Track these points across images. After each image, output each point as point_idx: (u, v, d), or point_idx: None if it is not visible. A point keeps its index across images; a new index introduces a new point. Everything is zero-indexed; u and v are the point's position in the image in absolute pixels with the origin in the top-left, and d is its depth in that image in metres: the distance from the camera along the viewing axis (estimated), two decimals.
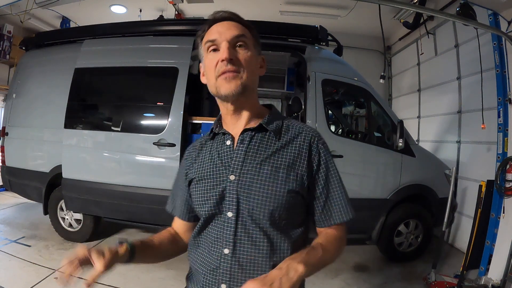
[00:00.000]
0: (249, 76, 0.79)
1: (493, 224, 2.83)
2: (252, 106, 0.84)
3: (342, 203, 0.82)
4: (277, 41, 3.25)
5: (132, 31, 3.45)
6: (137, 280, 2.77)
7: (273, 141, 0.82)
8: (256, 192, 0.76)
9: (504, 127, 2.90)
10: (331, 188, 0.82)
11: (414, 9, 3.69)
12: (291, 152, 0.80)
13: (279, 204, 0.76)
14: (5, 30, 5.05)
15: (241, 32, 0.80)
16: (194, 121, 3.22)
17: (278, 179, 0.77)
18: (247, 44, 0.80)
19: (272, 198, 0.76)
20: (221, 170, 0.81)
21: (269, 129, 0.82)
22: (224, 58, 0.76)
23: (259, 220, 0.76)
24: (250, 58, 0.80)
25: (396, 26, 5.18)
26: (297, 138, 0.82)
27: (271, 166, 0.78)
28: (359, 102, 4.28)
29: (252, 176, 0.78)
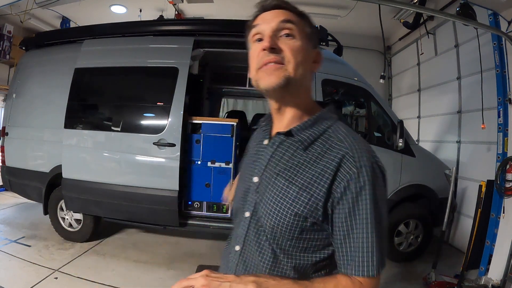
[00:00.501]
0: (296, 68, 0.67)
1: (493, 224, 2.83)
2: (299, 106, 0.73)
3: (363, 253, 0.63)
4: None
5: (132, 31, 3.45)
6: (137, 280, 2.77)
7: (299, 152, 0.70)
8: (266, 202, 0.70)
9: (504, 127, 2.90)
10: (353, 228, 0.63)
11: (414, 9, 3.68)
12: (313, 170, 0.66)
13: (281, 224, 0.67)
14: (5, 30, 5.04)
15: (288, 17, 0.69)
16: (194, 121, 3.22)
17: (287, 197, 0.67)
18: (295, 32, 0.69)
19: (275, 215, 0.68)
20: (251, 168, 0.78)
21: (297, 138, 0.71)
22: (265, 47, 0.67)
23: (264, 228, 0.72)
24: (298, 49, 0.68)
25: (396, 26, 5.17)
26: (326, 154, 0.67)
27: (286, 180, 0.68)
28: (359, 102, 4.28)
29: (267, 184, 0.72)
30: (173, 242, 3.67)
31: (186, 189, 3.21)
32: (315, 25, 0.76)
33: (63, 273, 2.75)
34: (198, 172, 3.23)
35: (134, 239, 3.68)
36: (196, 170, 3.23)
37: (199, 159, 3.22)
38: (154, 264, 3.09)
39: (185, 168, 3.18)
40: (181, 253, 3.38)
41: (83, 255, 3.16)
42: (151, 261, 3.13)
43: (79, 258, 3.08)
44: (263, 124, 0.83)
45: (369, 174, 0.63)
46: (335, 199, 0.64)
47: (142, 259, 3.16)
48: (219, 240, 3.73)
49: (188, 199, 3.25)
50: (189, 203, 3.26)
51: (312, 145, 0.69)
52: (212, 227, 3.18)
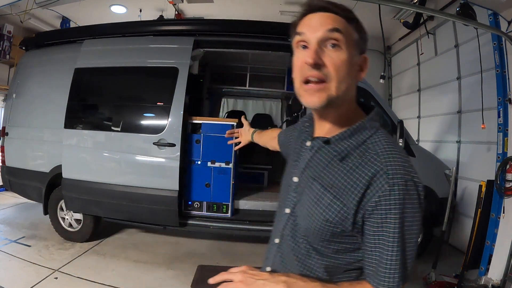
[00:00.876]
0: (338, 86, 0.66)
1: (493, 224, 2.83)
2: (340, 115, 0.73)
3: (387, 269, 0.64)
4: (277, 41, 3.25)
5: (132, 31, 3.45)
6: (137, 280, 2.77)
7: (336, 161, 0.70)
8: (303, 203, 0.74)
9: (504, 127, 2.90)
10: (380, 244, 0.64)
11: (414, 9, 3.69)
12: (347, 181, 0.67)
13: (313, 227, 0.70)
14: (5, 30, 5.04)
15: (335, 26, 0.66)
16: (194, 121, 3.22)
17: (321, 202, 0.69)
18: (342, 42, 0.66)
19: (309, 218, 0.71)
20: (293, 167, 0.81)
21: (334, 148, 0.71)
22: (307, 62, 0.65)
23: (301, 228, 0.75)
24: (343, 63, 0.66)
25: (396, 26, 5.17)
26: (361, 166, 0.66)
27: (322, 186, 0.70)
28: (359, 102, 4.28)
29: (304, 186, 0.74)
30: (173, 242, 3.67)
31: (186, 189, 3.21)
32: (363, 28, 0.73)
33: (63, 273, 2.75)
34: (198, 172, 3.23)
35: (134, 239, 3.68)
36: (196, 170, 3.23)
37: (199, 159, 3.22)
38: (154, 264, 3.09)
39: (185, 168, 3.18)
40: (181, 253, 3.38)
41: (83, 255, 3.16)
42: (151, 261, 3.13)
43: (79, 258, 3.08)
44: (306, 124, 0.84)
45: (401, 192, 0.63)
46: (367, 212, 0.65)
47: (142, 259, 3.16)
48: (219, 240, 3.73)
49: (188, 199, 3.25)
50: (189, 203, 3.26)
51: (349, 155, 0.69)
52: (212, 227, 3.18)
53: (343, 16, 0.68)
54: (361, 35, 0.72)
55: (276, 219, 0.85)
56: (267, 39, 3.25)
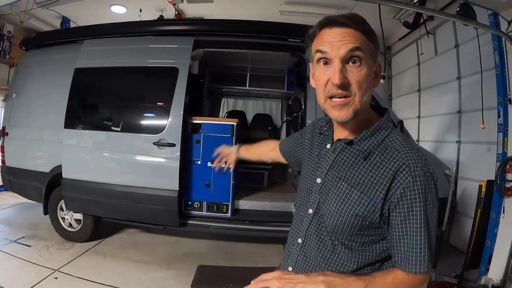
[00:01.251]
0: (361, 99, 0.73)
1: (493, 224, 2.83)
2: (360, 120, 0.78)
3: (417, 253, 0.70)
4: (277, 41, 3.25)
5: (132, 31, 3.45)
6: (137, 280, 2.77)
7: (360, 160, 0.76)
8: (329, 202, 0.78)
9: (504, 127, 2.90)
10: (408, 231, 0.70)
11: (414, 9, 3.68)
12: (373, 177, 0.73)
13: (343, 223, 0.75)
14: (5, 30, 5.04)
15: (356, 44, 0.70)
16: (194, 121, 3.22)
17: (349, 199, 0.75)
18: (362, 58, 0.71)
19: (338, 215, 0.76)
20: (314, 169, 0.86)
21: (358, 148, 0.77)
22: (335, 83, 0.70)
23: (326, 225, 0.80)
24: (364, 78, 0.72)
25: (396, 26, 5.17)
26: (385, 162, 0.73)
27: (348, 184, 0.76)
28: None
29: (330, 187, 0.79)
30: (173, 242, 3.67)
31: (186, 189, 3.21)
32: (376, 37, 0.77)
33: (63, 273, 2.75)
34: (198, 172, 3.23)
35: (134, 239, 3.68)
36: (196, 170, 3.23)
37: (199, 159, 3.22)
38: (154, 264, 3.09)
39: (185, 168, 3.18)
40: (181, 253, 3.38)
41: (83, 255, 3.16)
42: (151, 261, 3.13)
43: (79, 258, 3.08)
44: (324, 128, 0.90)
45: (422, 182, 0.70)
46: (392, 204, 0.71)
47: (142, 259, 3.16)
48: (219, 240, 3.73)
49: (188, 199, 3.25)
50: (189, 203, 3.26)
51: (371, 154, 0.76)
52: (212, 227, 3.18)
53: (362, 31, 0.72)
54: (376, 46, 0.76)
55: (297, 220, 0.90)
56: (267, 39, 3.24)
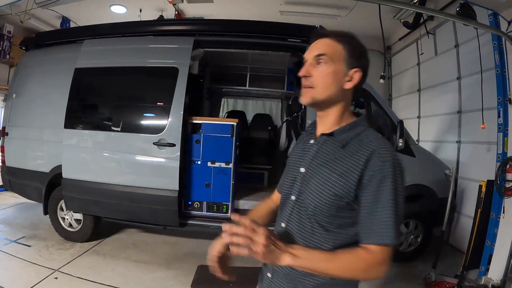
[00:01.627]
0: (321, 91, 0.89)
1: (493, 224, 2.83)
2: (336, 115, 0.93)
3: (386, 224, 0.79)
4: (277, 41, 3.25)
5: (132, 31, 3.45)
6: (137, 280, 2.77)
7: (339, 149, 0.89)
8: (311, 187, 0.89)
9: (504, 127, 2.90)
10: (376, 207, 0.80)
11: (414, 9, 3.69)
12: (349, 162, 0.85)
13: (324, 203, 0.86)
14: (5, 30, 5.05)
15: (322, 51, 0.89)
16: (194, 121, 3.22)
17: (330, 182, 0.86)
18: (327, 60, 0.88)
19: (319, 196, 0.87)
20: (299, 161, 0.97)
21: (337, 138, 0.91)
22: (300, 74, 0.92)
23: (307, 209, 0.90)
24: (325, 74, 0.88)
25: (396, 26, 5.17)
26: (359, 151, 0.85)
27: (328, 169, 0.87)
28: (359, 102, 4.28)
29: (313, 173, 0.90)
30: (173, 242, 3.67)
31: (186, 189, 3.21)
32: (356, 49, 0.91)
33: (63, 273, 2.76)
34: (198, 172, 3.23)
35: (134, 239, 3.68)
36: (196, 170, 3.23)
37: (199, 159, 3.22)
38: (154, 264, 3.09)
39: (185, 168, 3.18)
40: (181, 253, 3.38)
41: (83, 255, 3.17)
42: (151, 261, 3.13)
43: (79, 258, 3.08)
44: (309, 129, 1.04)
45: (390, 168, 0.81)
46: (364, 184, 0.82)
47: (142, 259, 3.16)
48: None
49: (188, 199, 3.25)
50: (189, 203, 3.26)
51: (349, 143, 0.88)
52: (212, 227, 3.18)
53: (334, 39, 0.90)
54: (350, 54, 0.90)
55: (281, 208, 1.00)
56: (267, 39, 3.24)
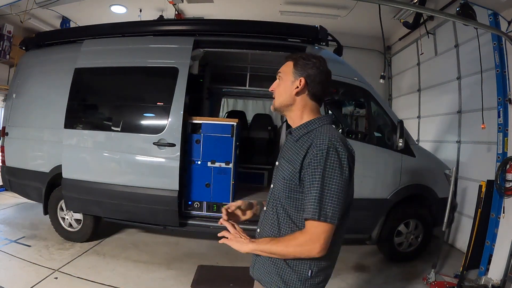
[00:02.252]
0: (277, 100, 1.15)
1: (493, 224, 2.83)
2: (294, 116, 1.14)
3: (313, 202, 0.95)
4: (277, 41, 3.25)
5: (132, 31, 3.45)
6: (137, 280, 2.77)
7: (293, 143, 1.09)
8: (277, 175, 1.12)
9: (504, 127, 2.90)
10: (311, 186, 0.97)
11: (414, 9, 3.68)
12: (295, 153, 1.05)
13: (281, 186, 1.07)
14: (5, 30, 5.05)
15: (280, 69, 1.16)
16: (194, 121, 3.22)
17: (283, 169, 1.07)
18: (282, 76, 1.15)
19: (279, 181, 1.09)
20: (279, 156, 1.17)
21: (293, 135, 1.11)
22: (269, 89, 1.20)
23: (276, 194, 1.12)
24: (280, 87, 1.14)
25: (396, 26, 5.17)
26: (304, 144, 1.04)
27: (285, 160, 1.09)
28: (359, 102, 4.28)
29: (279, 164, 1.12)
30: (173, 242, 3.67)
31: (186, 189, 3.21)
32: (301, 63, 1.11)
33: (63, 273, 2.76)
34: (198, 172, 3.23)
35: (134, 239, 3.68)
36: (196, 170, 3.23)
37: (199, 159, 3.22)
38: (154, 264, 3.09)
39: (185, 168, 3.18)
40: (181, 253, 3.38)
41: (83, 255, 3.17)
42: (151, 261, 3.13)
43: (79, 258, 3.08)
44: None
45: (323, 155, 0.97)
46: (303, 168, 1.01)
47: (142, 259, 3.16)
48: None
49: (188, 199, 3.25)
50: (189, 203, 3.26)
51: (301, 138, 1.07)
52: (212, 227, 3.18)
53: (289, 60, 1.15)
54: (297, 67, 1.11)
55: None
56: (267, 39, 3.24)
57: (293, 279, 1.03)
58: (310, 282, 1.04)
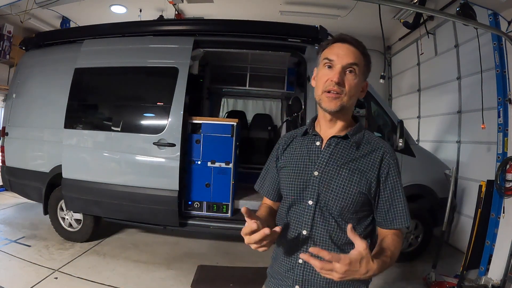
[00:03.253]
0: (348, 99, 0.94)
1: (493, 224, 2.83)
2: (345, 119, 1.00)
3: (404, 212, 0.96)
4: (277, 41, 3.25)
5: (132, 31, 3.45)
6: (137, 280, 2.77)
7: (353, 150, 0.97)
8: (334, 188, 0.94)
9: (504, 127, 2.90)
10: (395, 197, 0.95)
11: (414, 9, 3.69)
12: (366, 162, 0.96)
13: (350, 201, 0.94)
14: (5, 30, 5.05)
15: (355, 60, 0.94)
16: (194, 121, 3.22)
17: (353, 181, 0.94)
18: (356, 71, 0.94)
19: (346, 195, 0.93)
20: (307, 165, 0.99)
21: (352, 140, 0.98)
22: (334, 79, 0.92)
23: (332, 210, 0.95)
24: (355, 85, 0.94)
25: (396, 26, 5.18)
26: (373, 152, 0.97)
27: (349, 170, 0.95)
28: (359, 102, 4.28)
29: (332, 175, 0.95)
30: (173, 242, 3.67)
31: (186, 189, 3.21)
32: (370, 61, 1.00)
33: (63, 273, 2.76)
34: (198, 172, 3.23)
35: (134, 239, 3.68)
36: (196, 170, 3.23)
37: (199, 159, 3.22)
38: (154, 264, 3.09)
39: (185, 168, 3.18)
40: (181, 253, 3.38)
41: (83, 255, 3.17)
42: (151, 261, 3.13)
43: (79, 258, 3.08)
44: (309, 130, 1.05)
45: (398, 164, 0.98)
46: (382, 180, 0.95)
47: (142, 259, 3.16)
48: (219, 240, 3.73)
49: (188, 199, 3.25)
50: (189, 203, 3.26)
51: (361, 144, 0.98)
52: (212, 227, 3.18)
53: (361, 52, 0.96)
54: (368, 67, 0.99)
55: (295, 213, 1.00)
56: (267, 39, 3.24)
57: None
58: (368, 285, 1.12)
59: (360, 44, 0.96)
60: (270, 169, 1.14)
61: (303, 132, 1.06)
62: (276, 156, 1.11)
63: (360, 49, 0.95)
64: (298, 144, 1.05)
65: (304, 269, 0.96)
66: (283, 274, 1.00)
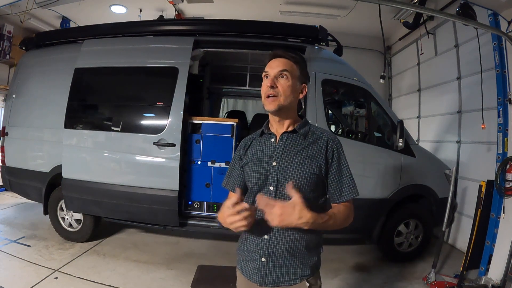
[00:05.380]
0: (284, 99, 1.13)
1: (493, 224, 2.83)
2: (291, 117, 1.19)
3: (351, 184, 1.16)
4: (277, 41, 3.25)
5: (132, 31, 3.45)
6: (137, 280, 2.77)
7: (302, 141, 1.17)
8: (291, 173, 1.13)
9: (504, 127, 2.90)
10: (342, 173, 1.16)
11: (414, 9, 3.69)
12: (314, 149, 1.16)
13: (304, 181, 1.12)
14: (5, 30, 5.05)
15: (285, 67, 1.14)
16: (194, 121, 3.22)
17: (305, 165, 1.13)
18: (288, 76, 1.13)
19: (300, 177, 1.12)
20: (266, 158, 1.18)
21: (300, 133, 1.18)
22: (268, 85, 1.13)
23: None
24: (287, 86, 1.13)
25: (396, 26, 5.18)
26: (319, 140, 1.17)
27: (301, 157, 1.14)
28: (359, 102, 4.28)
29: (288, 163, 1.14)
30: (173, 242, 3.67)
31: (186, 189, 3.21)
32: (305, 68, 1.20)
33: (63, 273, 2.76)
34: (198, 172, 3.23)
35: (134, 239, 3.68)
36: (196, 170, 3.23)
37: (199, 159, 3.22)
38: (154, 264, 3.09)
39: (185, 168, 3.18)
40: (181, 253, 3.38)
41: (83, 255, 3.17)
42: (151, 261, 3.13)
43: (79, 258, 3.08)
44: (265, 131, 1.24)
45: (341, 147, 1.19)
46: (329, 161, 1.16)
47: (142, 259, 3.16)
48: (219, 240, 3.73)
49: (188, 199, 3.25)
50: (189, 203, 3.26)
51: (307, 135, 1.18)
52: (212, 227, 3.18)
53: (292, 61, 1.16)
54: (303, 73, 1.19)
55: None
56: (267, 39, 3.24)
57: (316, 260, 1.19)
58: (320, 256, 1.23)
59: (291, 55, 1.17)
60: (234, 168, 1.30)
61: (260, 133, 1.25)
62: (239, 156, 1.28)
63: (292, 60, 1.16)
64: (257, 143, 1.24)
65: (270, 244, 1.13)
66: (251, 250, 1.18)
